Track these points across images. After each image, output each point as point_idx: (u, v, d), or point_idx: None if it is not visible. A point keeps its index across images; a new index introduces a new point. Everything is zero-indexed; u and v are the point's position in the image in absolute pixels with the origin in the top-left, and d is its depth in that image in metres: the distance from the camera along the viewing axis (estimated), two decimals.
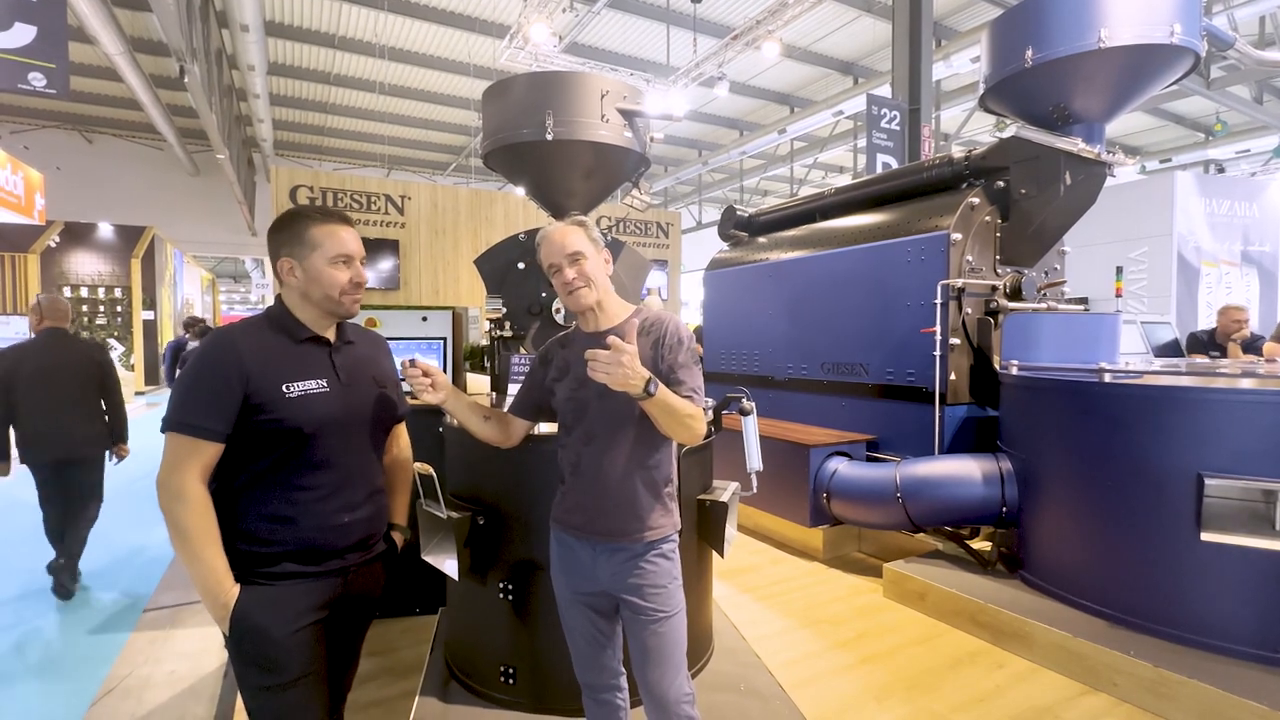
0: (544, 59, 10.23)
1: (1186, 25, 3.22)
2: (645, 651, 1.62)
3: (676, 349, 1.64)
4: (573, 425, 1.68)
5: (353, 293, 1.53)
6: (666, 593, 1.62)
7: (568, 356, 1.73)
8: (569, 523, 1.69)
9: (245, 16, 8.91)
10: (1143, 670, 2.45)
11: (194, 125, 13.21)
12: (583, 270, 1.65)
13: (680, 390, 1.59)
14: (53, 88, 5.06)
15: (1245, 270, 8.75)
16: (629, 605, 1.62)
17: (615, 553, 1.62)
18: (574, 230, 1.69)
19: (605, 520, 1.62)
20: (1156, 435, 2.66)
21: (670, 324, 1.67)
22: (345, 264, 1.51)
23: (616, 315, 1.71)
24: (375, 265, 7.66)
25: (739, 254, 5.73)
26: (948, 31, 10.61)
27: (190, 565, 1.36)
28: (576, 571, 1.68)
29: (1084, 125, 3.52)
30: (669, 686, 1.61)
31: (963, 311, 3.79)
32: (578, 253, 1.65)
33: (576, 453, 1.67)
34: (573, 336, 1.77)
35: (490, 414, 1.82)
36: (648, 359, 1.62)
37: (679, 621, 1.64)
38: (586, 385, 1.62)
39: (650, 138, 2.87)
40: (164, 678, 2.84)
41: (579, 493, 1.67)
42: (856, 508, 3.82)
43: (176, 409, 1.38)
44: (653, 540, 1.63)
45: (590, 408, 1.64)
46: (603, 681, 1.74)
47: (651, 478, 1.65)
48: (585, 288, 1.65)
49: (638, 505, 1.62)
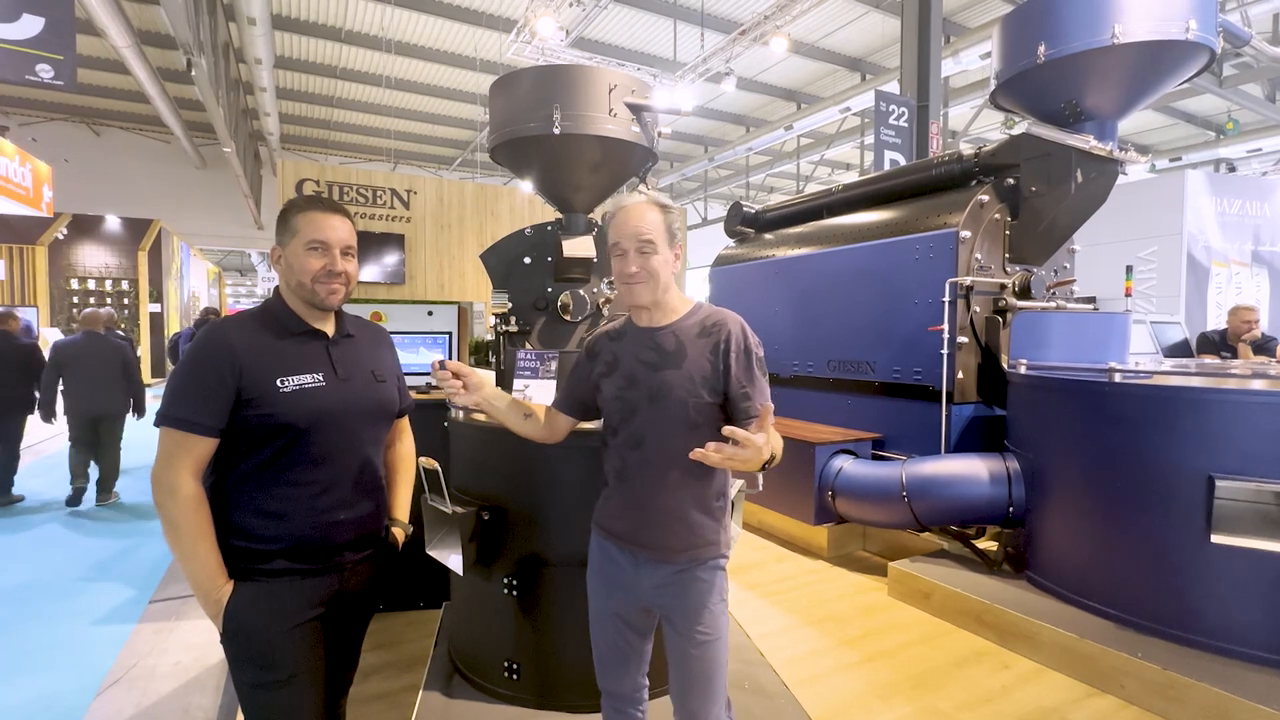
0: (550, 53, 10.20)
1: (1202, 21, 3.18)
2: (685, 675, 1.51)
3: (744, 360, 1.49)
4: (619, 427, 1.55)
5: (326, 281, 1.47)
6: (712, 614, 1.50)
7: (617, 351, 1.59)
8: (612, 530, 1.57)
9: (253, 10, 8.90)
10: (1151, 672, 2.43)
11: (201, 118, 13.23)
12: (649, 265, 1.49)
13: (749, 407, 1.47)
14: (60, 80, 5.07)
15: (1256, 270, 8.67)
16: (671, 625, 1.52)
17: (660, 567, 1.51)
18: (653, 212, 1.50)
19: (650, 532, 1.50)
20: (1167, 436, 2.63)
21: (735, 329, 1.52)
22: (321, 251, 1.46)
23: (674, 311, 1.56)
24: (380, 259, 7.67)
25: (745, 250, 5.70)
26: (956, 28, 10.53)
27: (183, 561, 1.35)
28: (616, 581, 1.57)
29: (1096, 122, 3.48)
30: (707, 716, 1.51)
31: (971, 310, 3.76)
32: (650, 241, 1.48)
33: (622, 458, 1.54)
34: (624, 330, 1.63)
35: (531, 411, 1.72)
36: (704, 364, 1.49)
37: (722, 646, 1.53)
38: (636, 385, 1.52)
39: (659, 132, 2.84)
40: (169, 669, 2.85)
41: (623, 500, 1.55)
42: (862, 506, 3.80)
43: (169, 404, 1.36)
44: (700, 558, 1.50)
45: (640, 410, 1.51)
46: (625, 692, 1.63)
47: (702, 490, 1.51)
48: (644, 285, 1.50)
49: (687, 519, 1.49)
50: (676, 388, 1.48)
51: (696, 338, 1.52)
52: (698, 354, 1.50)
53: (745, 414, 1.48)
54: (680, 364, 1.50)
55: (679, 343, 1.52)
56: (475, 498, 2.26)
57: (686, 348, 1.51)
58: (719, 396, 1.50)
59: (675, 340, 1.53)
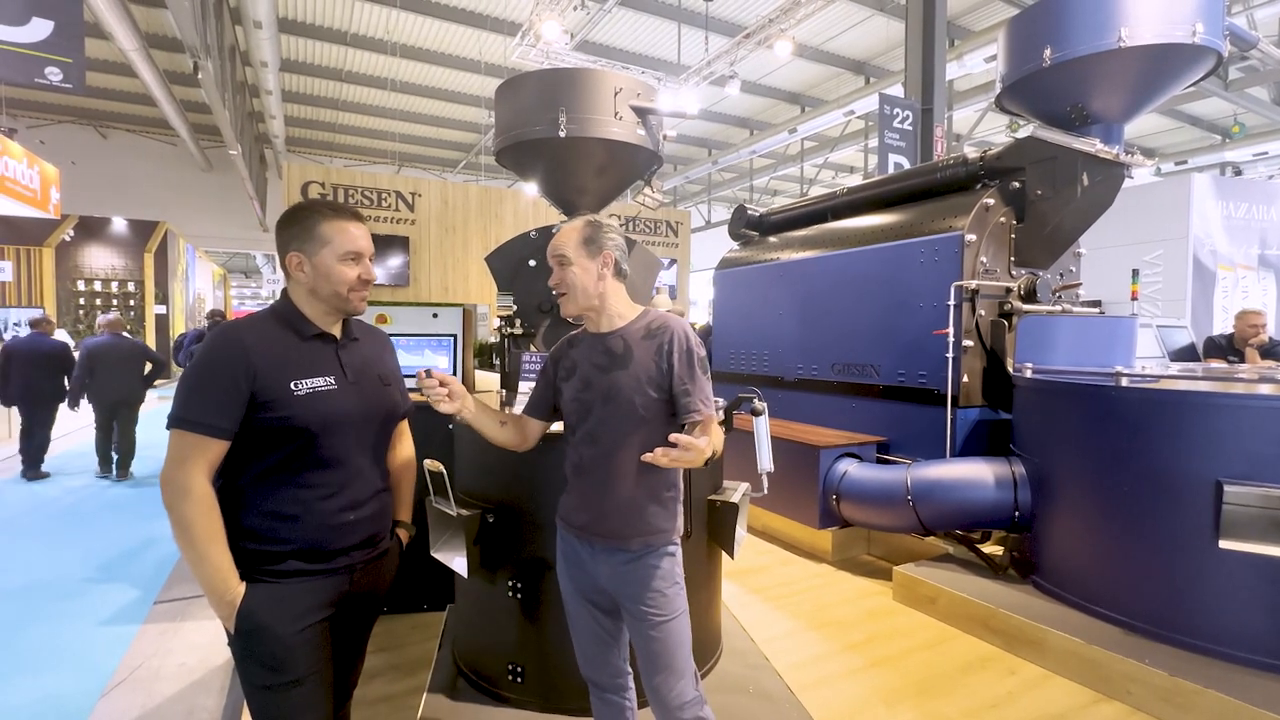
0: (555, 57, 10.22)
1: (1209, 24, 3.17)
2: (646, 655, 1.61)
3: (684, 360, 1.61)
4: (576, 426, 1.68)
5: (361, 290, 1.52)
6: (665, 597, 1.61)
7: (575, 356, 1.72)
8: (572, 522, 1.69)
9: (259, 13, 8.96)
10: (1158, 679, 2.42)
11: (207, 121, 13.31)
12: (565, 277, 1.64)
13: (690, 403, 1.59)
14: (69, 82, 5.11)
15: (1262, 274, 8.63)
16: (627, 609, 1.63)
17: (614, 554, 1.62)
18: (570, 230, 1.67)
19: (606, 522, 1.62)
20: (1174, 441, 2.61)
21: (677, 332, 1.64)
22: (355, 261, 1.50)
23: (621, 317, 1.69)
24: (385, 262, 7.69)
25: (749, 253, 5.70)
26: (961, 31, 10.52)
27: (195, 563, 1.35)
28: (579, 569, 1.69)
29: (1102, 126, 3.48)
30: (669, 691, 1.59)
31: (976, 313, 3.75)
32: (563, 255, 1.64)
33: (580, 454, 1.66)
34: (581, 337, 1.76)
35: (506, 419, 1.80)
36: (650, 365, 1.61)
37: (679, 625, 1.62)
38: (591, 388, 1.64)
39: (664, 135, 2.85)
40: (174, 670, 2.85)
41: (581, 494, 1.67)
42: (866, 510, 3.79)
43: (182, 405, 1.36)
44: (652, 544, 1.61)
45: (594, 410, 1.63)
46: (608, 680, 1.73)
47: (653, 482, 1.63)
48: (566, 295, 1.66)
49: (638, 509, 1.61)
50: (625, 388, 1.60)
51: (642, 340, 1.64)
52: (644, 355, 1.62)
53: (686, 409, 1.60)
54: (628, 365, 1.62)
55: (627, 346, 1.65)
56: (480, 500, 2.26)
57: (634, 350, 1.64)
58: (665, 394, 1.62)
59: (623, 344, 1.66)
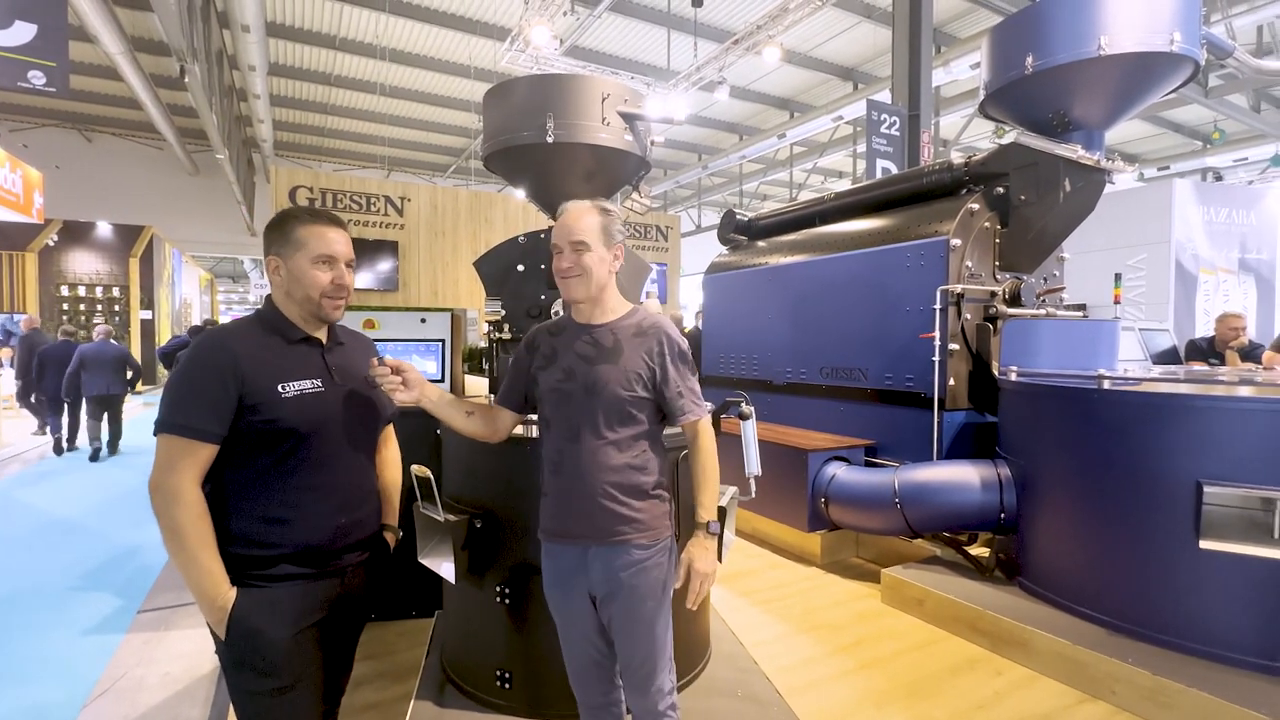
0: (545, 62, 10.24)
1: (1186, 33, 3.23)
2: (626, 655, 1.60)
3: (679, 363, 1.61)
4: (553, 417, 1.62)
5: (334, 295, 1.50)
6: (654, 597, 1.59)
7: (556, 344, 1.67)
8: (554, 530, 1.63)
9: (246, 17, 8.92)
10: (1142, 678, 2.44)
11: (194, 125, 13.20)
12: (581, 262, 1.58)
13: (683, 404, 1.60)
14: (52, 86, 5.06)
15: (1243, 278, 8.77)
16: (608, 608, 1.59)
17: (603, 553, 1.57)
18: (589, 216, 1.60)
19: (590, 520, 1.56)
20: (1156, 442, 2.65)
21: (671, 334, 1.63)
22: (328, 265, 1.48)
23: (613, 311, 1.66)
24: (374, 266, 7.66)
25: (738, 258, 5.73)
26: (947, 38, 10.65)
27: (185, 569, 1.34)
28: (569, 581, 1.62)
29: (1084, 132, 3.53)
30: (646, 693, 1.59)
31: (962, 317, 3.79)
32: (581, 242, 1.58)
33: (559, 449, 1.60)
34: (563, 325, 1.70)
35: (474, 408, 1.76)
36: (639, 362, 1.59)
37: (662, 628, 1.61)
38: (574, 377, 1.59)
39: (651, 141, 2.86)
40: (158, 679, 2.82)
41: (562, 494, 1.60)
42: (855, 513, 3.81)
43: (169, 410, 1.36)
44: (644, 542, 1.58)
45: (575, 400, 1.58)
46: (599, 699, 1.70)
47: (639, 477, 1.59)
48: (578, 279, 1.59)
49: (627, 505, 1.56)
50: (611, 381, 1.57)
51: (633, 337, 1.62)
52: (633, 352, 1.60)
53: (680, 410, 1.61)
54: (616, 360, 1.59)
55: (616, 340, 1.62)
56: (467, 505, 2.25)
57: (623, 345, 1.61)
58: (651, 392, 1.61)
59: (613, 338, 1.63)
